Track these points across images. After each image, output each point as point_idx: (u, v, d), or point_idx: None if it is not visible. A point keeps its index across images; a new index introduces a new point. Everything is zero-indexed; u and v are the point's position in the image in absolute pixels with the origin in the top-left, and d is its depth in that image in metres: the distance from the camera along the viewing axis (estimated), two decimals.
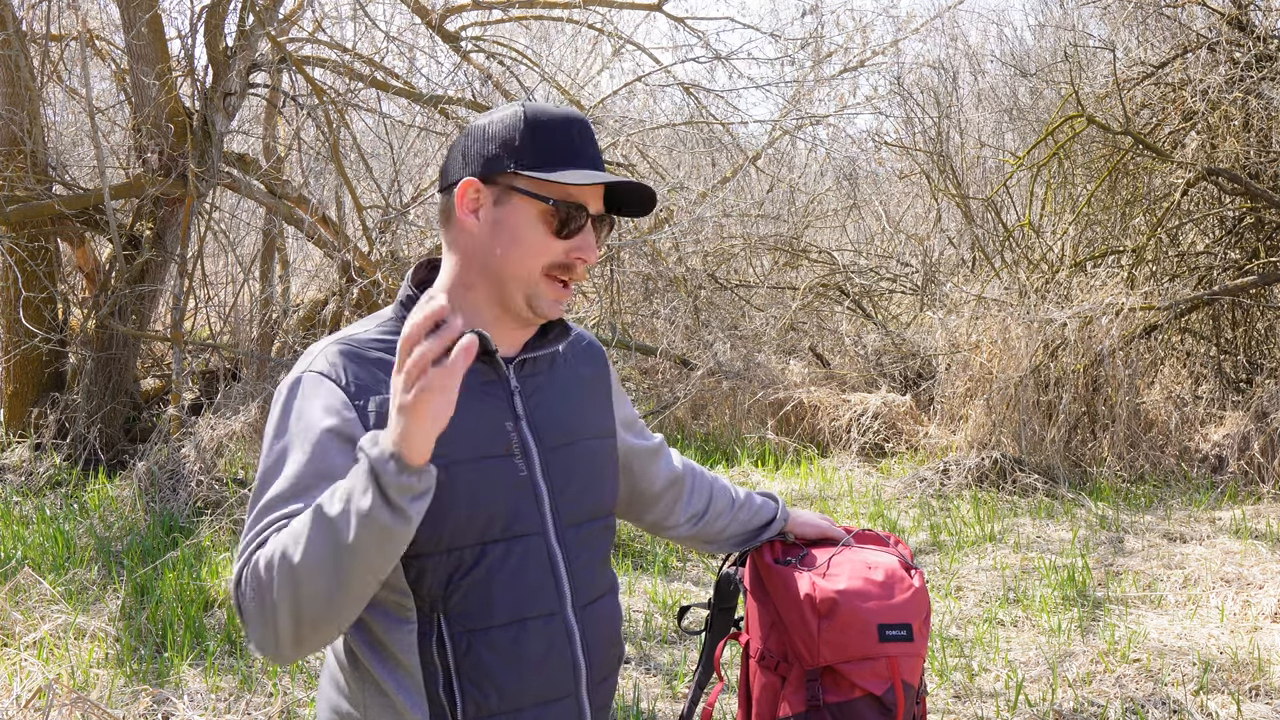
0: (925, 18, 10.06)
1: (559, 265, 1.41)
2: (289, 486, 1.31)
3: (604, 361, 1.66)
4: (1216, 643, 4.19)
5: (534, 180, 1.40)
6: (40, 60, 7.72)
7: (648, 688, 3.85)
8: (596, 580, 1.49)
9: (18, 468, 7.04)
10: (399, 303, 1.48)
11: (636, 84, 8.84)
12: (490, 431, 1.41)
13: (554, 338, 1.53)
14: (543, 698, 1.40)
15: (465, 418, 1.38)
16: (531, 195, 1.40)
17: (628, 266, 8.65)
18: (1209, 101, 7.43)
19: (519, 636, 1.39)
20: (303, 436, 1.33)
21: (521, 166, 1.40)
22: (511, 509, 1.40)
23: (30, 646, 4.00)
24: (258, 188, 7.62)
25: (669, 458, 1.80)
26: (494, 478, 1.39)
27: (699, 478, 1.84)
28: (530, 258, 1.41)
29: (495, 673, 1.37)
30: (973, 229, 9.24)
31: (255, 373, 7.65)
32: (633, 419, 1.72)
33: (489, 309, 1.45)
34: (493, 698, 1.37)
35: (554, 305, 1.43)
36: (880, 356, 9.22)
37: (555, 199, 1.40)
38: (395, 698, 1.37)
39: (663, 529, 1.83)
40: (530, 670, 1.39)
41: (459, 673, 1.36)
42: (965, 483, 6.68)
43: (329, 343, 1.42)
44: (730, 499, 1.85)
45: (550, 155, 1.40)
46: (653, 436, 1.78)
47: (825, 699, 1.64)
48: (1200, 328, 8.24)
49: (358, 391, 1.36)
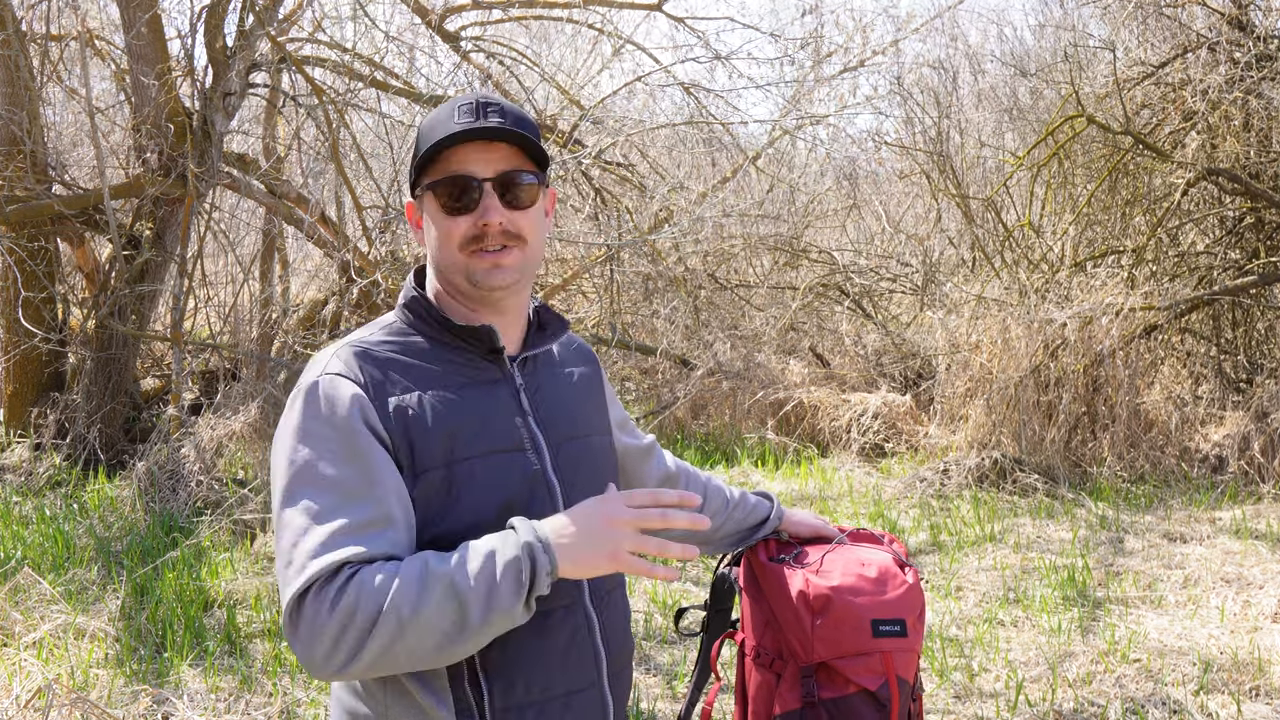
0: (925, 18, 10.04)
1: (471, 238, 1.42)
2: (340, 496, 1.30)
3: (595, 362, 1.68)
4: (1216, 643, 4.18)
5: (421, 174, 1.45)
6: (40, 60, 7.72)
7: (648, 688, 3.85)
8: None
9: (18, 468, 7.04)
10: (402, 305, 1.50)
11: (636, 84, 8.84)
12: (502, 427, 1.43)
13: (551, 333, 1.55)
14: (569, 688, 1.42)
15: (477, 414, 1.41)
16: (426, 189, 1.44)
17: (628, 266, 8.65)
18: (1209, 101, 7.42)
19: (543, 627, 1.40)
20: (339, 440, 1.32)
21: (416, 169, 1.46)
22: (526, 502, 1.41)
23: (30, 646, 4.00)
24: (258, 188, 7.62)
25: (661, 457, 1.82)
26: (508, 472, 1.41)
27: (693, 478, 1.86)
28: (446, 242, 1.44)
29: (522, 664, 1.39)
30: (973, 229, 9.24)
31: (255, 373, 7.65)
32: (624, 419, 1.74)
33: (465, 304, 1.48)
34: (520, 688, 1.39)
35: (491, 273, 1.43)
36: (880, 356, 9.21)
37: (436, 181, 1.43)
38: (419, 697, 1.37)
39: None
40: (555, 660, 1.41)
41: (485, 666, 1.37)
42: (965, 483, 6.68)
43: (340, 346, 1.43)
44: (725, 498, 1.86)
45: (428, 145, 1.43)
46: (644, 436, 1.80)
47: (820, 695, 1.65)
48: (1200, 328, 8.24)
49: (376, 391, 1.37)
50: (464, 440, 1.38)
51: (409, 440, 1.35)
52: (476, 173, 1.42)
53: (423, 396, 1.38)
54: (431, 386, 1.40)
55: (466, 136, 1.40)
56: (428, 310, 1.46)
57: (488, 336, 1.44)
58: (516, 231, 1.44)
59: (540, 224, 1.48)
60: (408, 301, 1.49)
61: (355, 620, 1.22)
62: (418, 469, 1.35)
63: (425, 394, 1.39)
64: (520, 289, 1.49)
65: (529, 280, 1.51)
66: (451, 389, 1.41)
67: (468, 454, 1.38)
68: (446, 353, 1.45)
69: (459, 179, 1.42)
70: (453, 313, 1.48)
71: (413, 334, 1.46)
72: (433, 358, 1.44)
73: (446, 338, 1.45)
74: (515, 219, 1.43)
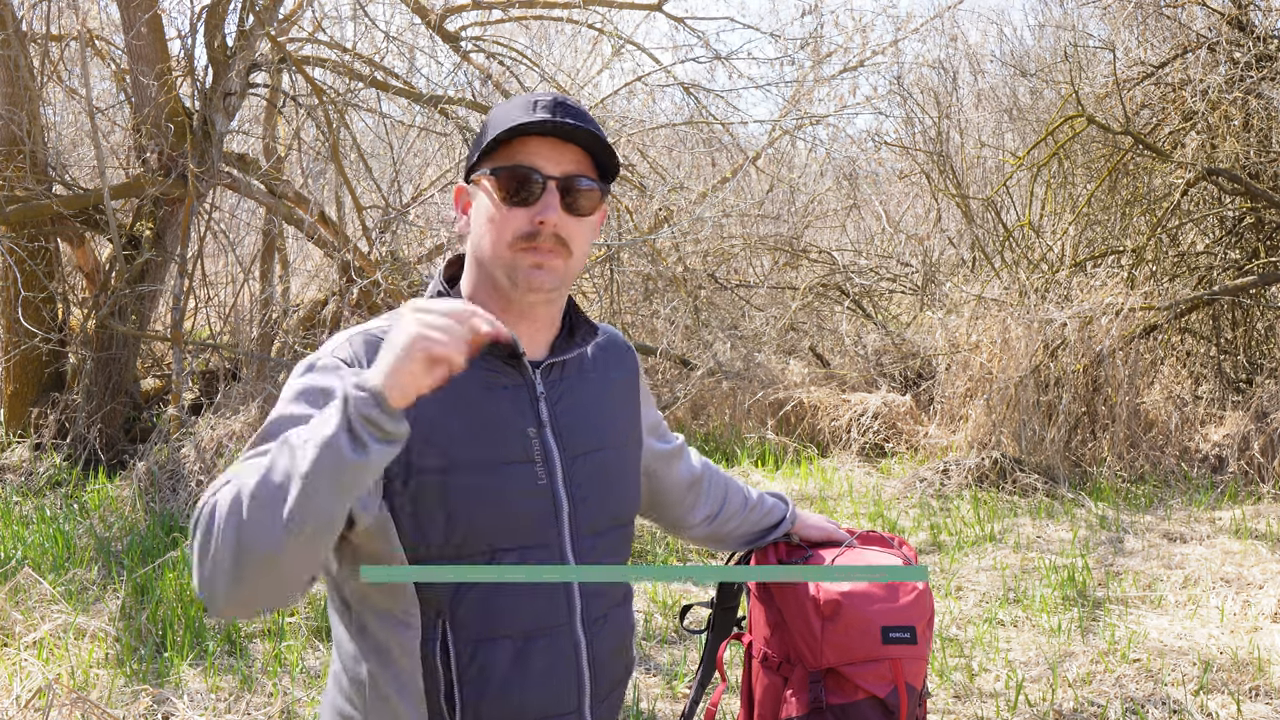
0: (925, 18, 10.05)
1: (524, 234, 1.37)
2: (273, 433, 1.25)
3: (634, 365, 1.62)
4: (1216, 643, 4.19)
5: (484, 159, 1.41)
6: (40, 60, 7.72)
7: (648, 688, 3.85)
8: (610, 590, 1.47)
9: (18, 468, 7.03)
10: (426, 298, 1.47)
11: (636, 84, 8.83)
12: (510, 437, 1.38)
13: (580, 339, 1.49)
14: (544, 713, 1.38)
15: (483, 422, 1.37)
16: (486, 174, 1.40)
17: (627, 266, 8.65)
18: (1209, 101, 7.43)
19: (524, 649, 1.36)
20: (308, 400, 1.28)
21: (479, 152, 1.42)
22: (526, 517, 1.37)
23: (30, 646, 3.99)
24: (258, 188, 7.62)
25: (689, 458, 1.78)
26: (509, 485, 1.36)
27: (715, 477, 1.82)
28: (496, 232, 1.39)
29: (497, 685, 1.35)
30: (973, 229, 9.24)
31: (255, 373, 7.64)
32: (657, 422, 1.69)
33: (496, 305, 1.42)
34: (492, 710, 1.35)
35: (533, 273, 1.37)
36: (880, 356, 9.21)
37: (500, 167, 1.38)
38: (396, 704, 1.36)
39: (680, 528, 1.82)
40: (533, 684, 1.36)
41: (461, 682, 1.34)
42: (965, 483, 6.68)
43: (354, 332, 1.39)
44: (743, 499, 1.84)
45: (499, 129, 1.39)
46: (674, 438, 1.75)
47: (828, 701, 1.64)
48: (1200, 328, 8.24)
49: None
50: (462, 447, 1.34)
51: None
52: (543, 168, 1.37)
53: (425, 396, 1.34)
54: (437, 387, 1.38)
55: (541, 129, 1.37)
56: None
57: (507, 340, 1.40)
58: (567, 238, 1.39)
59: (590, 236, 1.44)
60: (432, 297, 1.45)
61: (213, 517, 1.15)
62: (409, 472, 1.31)
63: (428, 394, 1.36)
64: (556, 299, 1.44)
65: (565, 291, 1.46)
66: (459, 393, 1.35)
67: (466, 463, 1.33)
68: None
69: (526, 170, 1.37)
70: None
71: None
72: None
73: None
74: (570, 225, 1.39)
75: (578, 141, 1.39)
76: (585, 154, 1.41)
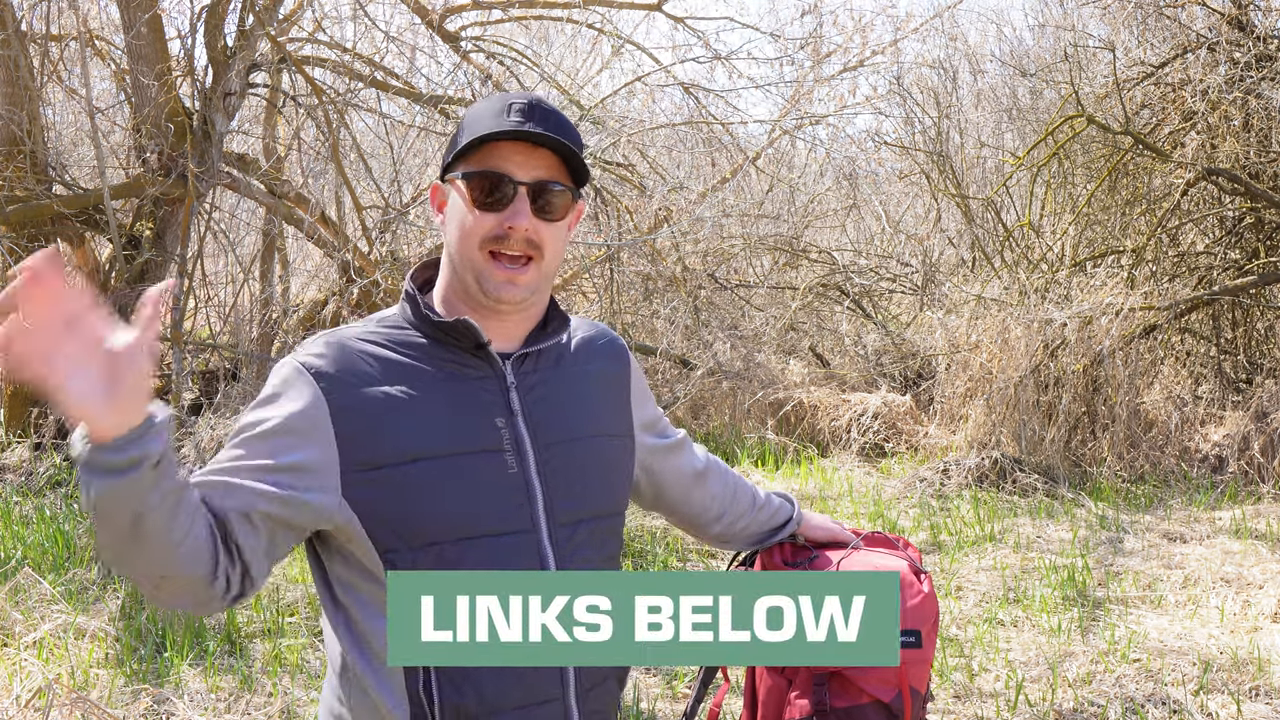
0: (924, 18, 10.07)
1: (493, 238, 1.39)
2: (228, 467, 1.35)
3: (625, 360, 1.62)
4: (1216, 643, 4.19)
5: (458, 160, 1.42)
6: (40, 60, 7.71)
7: (647, 688, 3.85)
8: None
9: (18, 468, 7.03)
10: (402, 303, 1.48)
11: (636, 84, 8.84)
12: (478, 427, 1.39)
13: (553, 331, 1.50)
14: (524, 701, 1.37)
15: (450, 412, 1.38)
16: (459, 177, 1.42)
17: (627, 266, 8.65)
18: (1209, 101, 7.43)
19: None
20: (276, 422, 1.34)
21: (454, 154, 1.43)
22: (497, 506, 1.37)
23: (30, 646, 3.99)
24: (258, 188, 7.62)
25: (691, 453, 1.77)
26: (478, 474, 1.37)
27: (724, 475, 1.81)
28: (467, 236, 1.40)
29: (475, 673, 1.35)
30: (973, 229, 9.25)
31: (255, 373, 7.64)
32: (655, 419, 1.69)
33: (467, 304, 1.45)
34: (471, 699, 1.35)
35: (503, 286, 1.39)
36: (880, 356, 9.22)
37: (472, 171, 1.40)
38: (376, 696, 1.36)
39: (697, 527, 1.81)
40: (510, 672, 1.36)
41: (439, 672, 1.34)
42: (965, 483, 6.68)
43: (324, 335, 1.43)
44: (751, 498, 1.83)
45: (472, 134, 1.40)
46: (675, 433, 1.75)
47: (832, 704, 1.64)
48: (1200, 328, 8.24)
49: (332, 384, 1.35)
50: (426, 438, 1.35)
51: (361, 432, 1.33)
52: (514, 174, 1.39)
53: (388, 390, 1.36)
54: (400, 381, 1.37)
55: (513, 136, 1.38)
56: (413, 306, 1.44)
57: (466, 331, 1.40)
58: (539, 242, 1.40)
59: (563, 237, 1.45)
60: (404, 296, 1.47)
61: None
62: (371, 464, 1.33)
63: (391, 388, 1.36)
64: (527, 306, 1.46)
65: (543, 295, 1.47)
66: (424, 385, 1.38)
67: (431, 453, 1.34)
68: (439, 349, 1.42)
69: (496, 176, 1.39)
70: (449, 307, 1.46)
71: (408, 328, 1.44)
72: (421, 353, 1.41)
73: (437, 334, 1.42)
74: (541, 229, 1.40)
75: (550, 145, 1.40)
76: (558, 158, 1.42)
